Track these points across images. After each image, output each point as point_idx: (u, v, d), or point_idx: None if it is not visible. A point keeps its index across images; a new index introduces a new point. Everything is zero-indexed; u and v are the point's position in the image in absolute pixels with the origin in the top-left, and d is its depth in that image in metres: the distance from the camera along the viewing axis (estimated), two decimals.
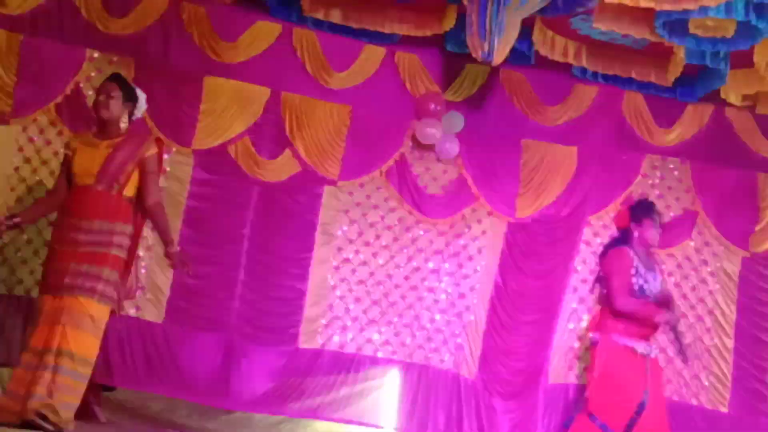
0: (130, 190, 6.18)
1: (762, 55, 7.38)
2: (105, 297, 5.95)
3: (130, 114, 6.35)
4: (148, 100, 6.71)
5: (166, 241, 6.39)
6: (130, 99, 6.31)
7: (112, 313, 6.15)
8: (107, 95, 6.18)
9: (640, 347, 6.96)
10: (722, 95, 8.47)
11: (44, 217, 7.14)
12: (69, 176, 6.19)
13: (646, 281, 6.89)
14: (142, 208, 6.29)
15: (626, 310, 6.95)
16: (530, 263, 8.73)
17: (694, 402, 8.66)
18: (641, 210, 7.16)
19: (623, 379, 6.93)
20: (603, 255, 7.42)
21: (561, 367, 8.71)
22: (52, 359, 5.73)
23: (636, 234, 7.05)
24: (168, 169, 8.08)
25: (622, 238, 7.24)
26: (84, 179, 6.06)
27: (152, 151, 6.25)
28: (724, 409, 8.60)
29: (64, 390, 5.75)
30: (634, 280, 6.89)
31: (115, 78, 6.43)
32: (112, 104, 6.16)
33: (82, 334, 5.85)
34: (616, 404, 6.86)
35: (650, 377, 6.92)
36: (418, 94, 8.62)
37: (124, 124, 6.24)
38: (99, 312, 5.96)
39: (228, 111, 8.23)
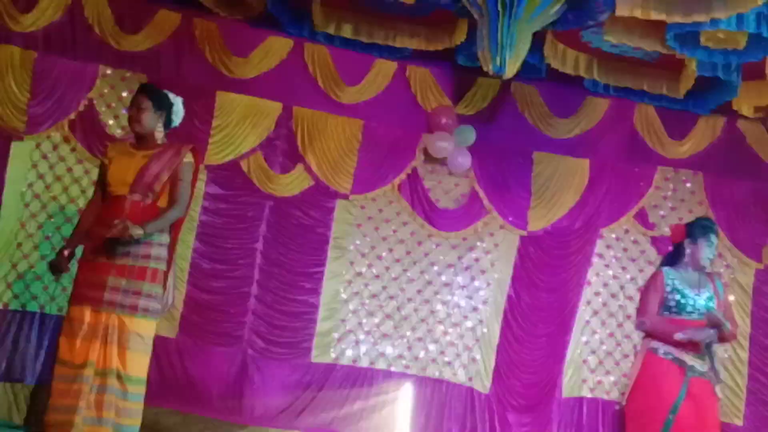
0: (164, 200, 5.96)
1: None
2: (148, 312, 5.78)
3: (167, 121, 6.17)
4: None
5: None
6: (162, 107, 6.08)
7: None
8: (138, 108, 5.95)
9: (682, 356, 6.48)
10: (734, 107, 8.45)
11: None
12: (104, 186, 5.99)
13: (684, 297, 6.53)
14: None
15: (640, 329, 6.75)
16: (543, 276, 8.73)
17: None
18: (698, 229, 6.74)
19: (655, 389, 6.51)
20: None
21: (575, 381, 8.69)
22: (115, 382, 5.67)
23: (688, 251, 6.66)
24: None
25: (673, 254, 6.85)
26: (118, 189, 5.86)
27: (188, 159, 6.04)
28: (739, 422, 8.57)
29: (130, 414, 5.76)
30: (669, 297, 6.56)
31: (144, 89, 6.20)
32: (144, 117, 5.92)
33: (134, 354, 5.72)
34: (645, 412, 6.48)
35: (692, 397, 6.38)
36: (430, 107, 8.64)
37: (159, 133, 6.05)
38: (146, 329, 5.82)
39: (240, 126, 8.26)
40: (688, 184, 9.00)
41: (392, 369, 8.52)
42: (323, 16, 8.04)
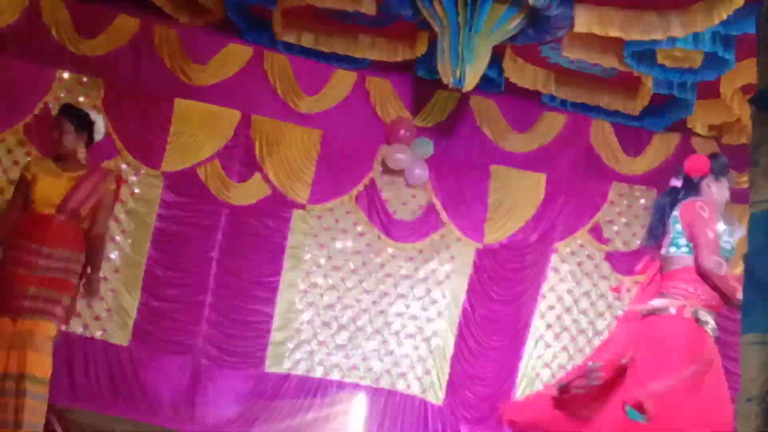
0: (85, 222, 6.12)
1: (728, 86, 7.48)
2: (55, 317, 5.90)
3: (88, 140, 6.27)
4: (117, 121, 6.67)
5: (95, 267, 6.25)
6: (83, 127, 6.13)
7: None
8: (60, 131, 6.06)
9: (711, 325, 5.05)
10: (689, 125, 8.57)
11: None
12: (26, 199, 6.04)
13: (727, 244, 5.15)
14: (87, 236, 6.23)
15: (717, 271, 4.94)
16: (498, 289, 8.77)
17: None
18: (725, 166, 5.50)
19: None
20: (677, 205, 5.38)
21: (528, 394, 8.72)
22: (30, 385, 5.69)
23: (711, 189, 5.35)
24: (137, 190, 8.07)
25: (685, 190, 5.46)
26: (44, 208, 5.96)
27: (112, 187, 6.22)
28: None
29: (34, 412, 5.72)
30: (722, 240, 5.12)
31: (65, 111, 6.25)
32: (65, 139, 6.01)
33: (42, 356, 5.81)
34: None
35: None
36: (389, 119, 8.65)
37: (82, 153, 6.11)
38: (52, 332, 5.92)
39: (198, 133, 8.22)
40: (642, 200, 9.09)
41: (346, 380, 8.50)
42: (283, 25, 8.01)
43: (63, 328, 6.20)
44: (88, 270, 6.13)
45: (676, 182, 5.58)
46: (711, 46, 6.68)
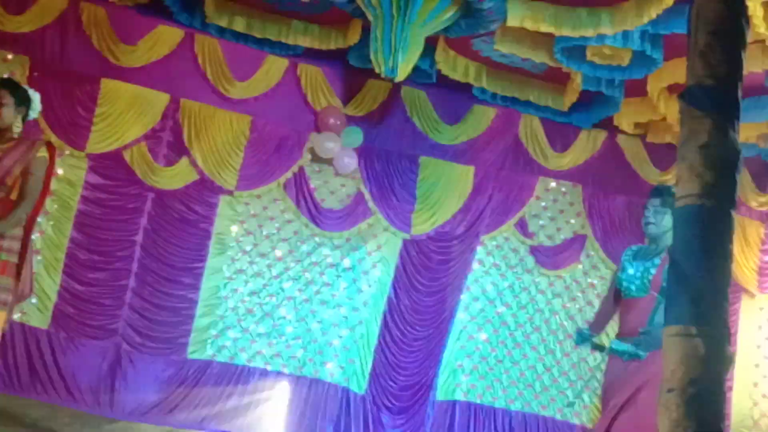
0: (14, 192, 5.89)
1: (655, 85, 7.60)
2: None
3: (25, 116, 6.16)
4: (42, 100, 6.51)
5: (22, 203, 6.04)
6: (23, 103, 6.03)
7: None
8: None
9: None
10: (615, 122, 8.70)
11: None
12: None
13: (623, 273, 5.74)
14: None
15: None
16: (424, 280, 8.81)
17: (576, 421, 8.86)
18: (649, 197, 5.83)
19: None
20: None
21: (449, 384, 8.81)
22: None
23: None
24: (60, 171, 7.92)
25: None
26: None
27: (42, 153, 6.06)
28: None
29: None
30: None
31: (6, 84, 6.12)
32: (4, 112, 5.94)
33: None
34: None
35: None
36: (320, 107, 8.61)
37: (17, 128, 6.03)
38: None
39: (125, 115, 8.08)
40: (568, 196, 9.23)
41: (269, 368, 8.46)
42: (216, 8, 7.92)
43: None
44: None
45: None
46: (640, 44, 6.78)
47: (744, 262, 9.06)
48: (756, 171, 9.02)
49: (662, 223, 5.57)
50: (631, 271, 5.68)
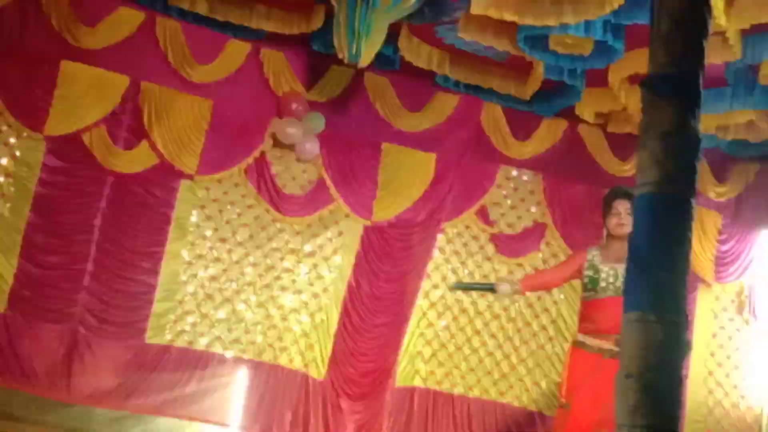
0: None
1: (616, 75, 7.64)
2: None
3: None
4: (0, 82, 6.42)
5: None
6: None
7: None
8: None
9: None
10: (576, 112, 8.72)
11: None
12: None
13: (597, 273, 6.18)
14: None
15: None
16: (384, 266, 8.82)
17: (533, 408, 8.93)
18: (606, 198, 6.41)
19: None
20: None
21: (408, 371, 8.84)
22: None
23: (606, 224, 6.35)
24: (17, 153, 7.83)
25: None
26: None
27: None
28: None
29: None
30: (584, 273, 6.22)
31: None
32: None
33: None
34: None
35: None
36: (282, 92, 8.56)
37: None
38: None
39: (84, 98, 7.98)
40: (528, 185, 9.27)
41: (227, 353, 8.44)
42: None
43: None
44: None
45: None
46: (602, 34, 6.79)
47: (701, 252, 9.14)
48: (714, 162, 9.10)
49: None
50: (604, 272, 5.88)
